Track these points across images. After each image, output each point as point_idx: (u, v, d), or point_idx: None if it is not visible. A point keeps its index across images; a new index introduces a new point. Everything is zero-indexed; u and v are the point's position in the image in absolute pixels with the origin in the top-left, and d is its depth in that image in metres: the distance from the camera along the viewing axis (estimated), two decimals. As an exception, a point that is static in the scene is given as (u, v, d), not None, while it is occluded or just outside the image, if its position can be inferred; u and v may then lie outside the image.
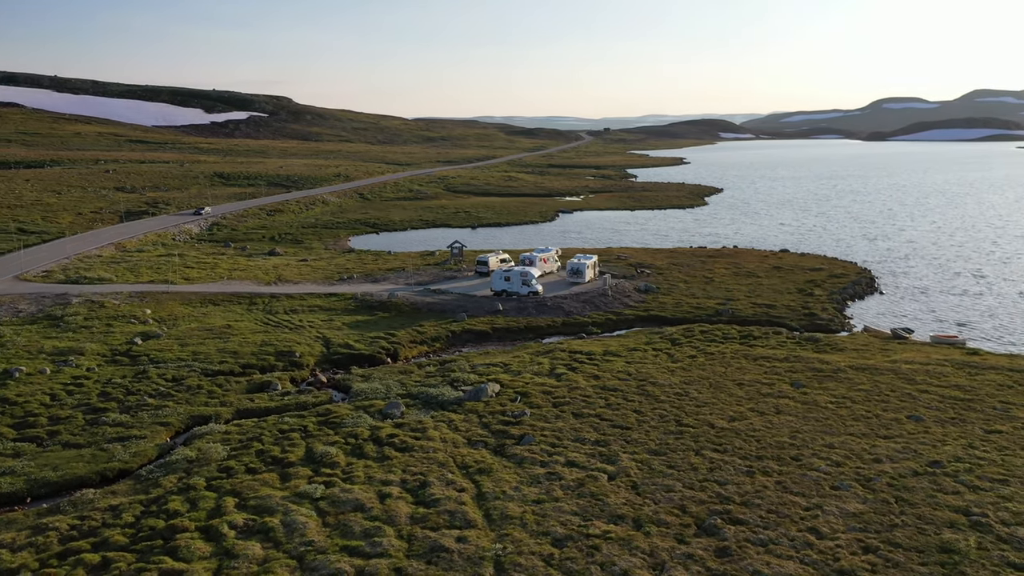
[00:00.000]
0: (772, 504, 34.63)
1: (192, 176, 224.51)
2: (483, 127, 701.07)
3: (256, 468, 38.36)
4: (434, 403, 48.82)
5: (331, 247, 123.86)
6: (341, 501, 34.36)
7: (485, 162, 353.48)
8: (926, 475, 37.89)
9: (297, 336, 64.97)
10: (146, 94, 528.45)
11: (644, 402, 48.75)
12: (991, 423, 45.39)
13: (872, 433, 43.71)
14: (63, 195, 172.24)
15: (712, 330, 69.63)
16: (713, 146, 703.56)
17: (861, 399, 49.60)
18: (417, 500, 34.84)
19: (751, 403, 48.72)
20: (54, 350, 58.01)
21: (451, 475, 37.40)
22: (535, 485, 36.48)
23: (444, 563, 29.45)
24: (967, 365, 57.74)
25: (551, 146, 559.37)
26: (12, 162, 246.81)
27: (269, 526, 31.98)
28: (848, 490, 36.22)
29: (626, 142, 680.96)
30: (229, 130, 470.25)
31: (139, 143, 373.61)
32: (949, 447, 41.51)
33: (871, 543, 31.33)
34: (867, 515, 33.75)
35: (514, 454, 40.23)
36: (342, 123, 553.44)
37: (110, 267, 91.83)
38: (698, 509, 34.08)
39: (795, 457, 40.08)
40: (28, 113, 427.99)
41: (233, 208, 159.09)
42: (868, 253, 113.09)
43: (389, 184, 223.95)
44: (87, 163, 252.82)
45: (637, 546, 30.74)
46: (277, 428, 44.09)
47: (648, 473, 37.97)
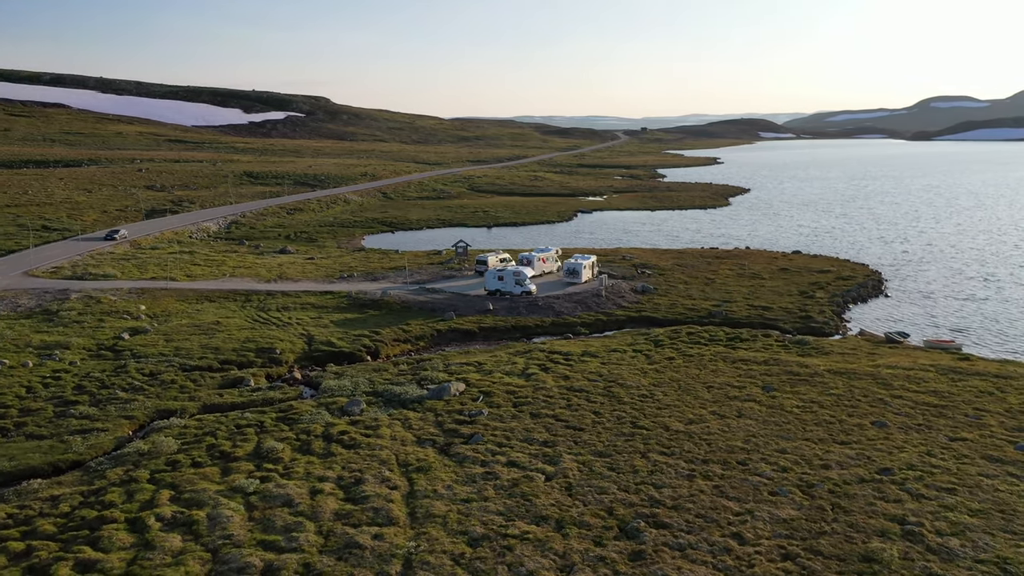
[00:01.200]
0: (703, 508, 34.20)
1: (222, 175, 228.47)
2: (518, 127, 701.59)
3: (202, 462, 39.04)
4: (396, 401, 49.13)
5: (343, 245, 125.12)
6: (272, 496, 34.82)
7: (515, 161, 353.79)
8: (872, 482, 37.08)
9: (282, 333, 65.85)
10: (187, 95, 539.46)
11: (606, 403, 48.47)
12: (958, 430, 44.23)
13: (830, 439, 42.89)
14: (93, 193, 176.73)
15: (699, 332, 68.89)
16: (751, 146, 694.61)
17: (830, 404, 48.70)
18: (347, 497, 35.14)
19: (715, 406, 48.13)
20: (41, 344, 59.67)
21: (388, 473, 37.64)
22: (469, 484, 36.53)
23: (354, 559, 29.67)
24: (952, 371, 56.30)
25: (585, 146, 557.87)
26: (51, 161, 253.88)
27: (195, 519, 32.54)
28: (786, 496, 35.62)
29: (662, 142, 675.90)
30: (266, 130, 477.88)
31: (177, 143, 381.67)
32: (906, 454, 40.55)
33: (792, 550, 30.79)
34: (797, 522, 33.15)
35: (458, 453, 40.33)
36: (377, 123, 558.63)
37: (119, 264, 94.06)
38: (625, 512, 33.80)
39: (742, 462, 39.51)
40: (73, 114, 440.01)
41: (254, 207, 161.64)
42: (882, 255, 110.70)
43: (413, 183, 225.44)
44: (123, 162, 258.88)
45: (552, 548, 30.63)
46: (235, 423, 44.77)
47: (587, 475, 37.77)
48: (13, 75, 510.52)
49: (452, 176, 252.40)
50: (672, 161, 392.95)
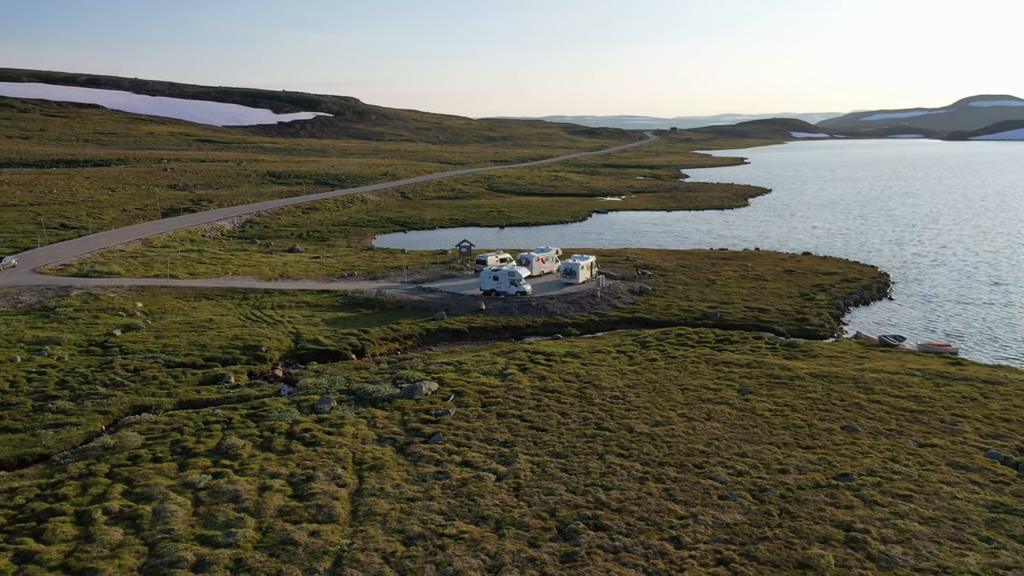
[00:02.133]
0: (647, 512, 33.95)
1: (245, 175, 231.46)
2: (547, 127, 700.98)
3: (162, 457, 39.64)
4: (367, 400, 49.43)
5: (353, 245, 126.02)
6: (221, 492, 35.25)
7: (539, 161, 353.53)
8: (827, 488, 36.52)
9: (271, 331, 66.56)
10: (219, 95, 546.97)
11: (576, 404, 48.31)
12: (930, 436, 43.40)
13: (795, 443, 42.32)
14: (116, 192, 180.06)
15: (689, 333, 68.35)
16: (782, 146, 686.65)
17: (803, 408, 48.03)
18: (295, 494, 35.46)
19: (685, 408, 47.73)
20: (34, 339, 60.98)
21: (341, 471, 37.90)
22: (418, 484, 36.65)
23: (286, 556, 29.95)
24: (939, 375, 55.24)
25: (612, 146, 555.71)
26: (81, 161, 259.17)
27: (140, 513, 33.08)
28: (736, 500, 35.22)
29: (692, 141, 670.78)
30: (295, 130, 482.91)
31: (207, 142, 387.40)
32: (869, 460, 39.88)
33: (728, 555, 30.45)
34: (741, 527, 32.77)
35: (414, 452, 40.48)
36: (405, 123, 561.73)
37: (126, 262, 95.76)
38: (568, 513, 33.68)
39: (699, 465, 39.14)
40: (107, 114, 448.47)
41: (270, 206, 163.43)
42: (892, 258, 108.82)
43: (433, 183, 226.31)
44: (150, 162, 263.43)
45: (484, 548, 30.63)
46: (204, 420, 45.38)
47: (538, 475, 37.69)
48: (50, 77, 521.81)
49: (472, 176, 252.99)
50: (698, 161, 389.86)
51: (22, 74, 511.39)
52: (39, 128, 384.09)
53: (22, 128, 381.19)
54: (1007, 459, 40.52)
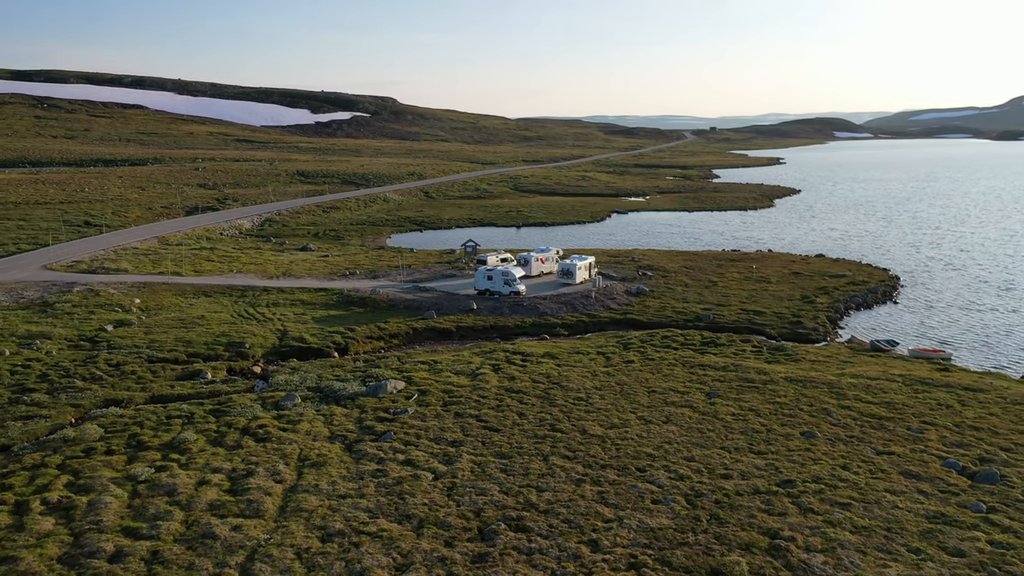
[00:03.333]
0: (575, 514, 33.77)
1: (274, 174, 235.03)
2: (583, 127, 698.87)
3: (115, 450, 40.56)
4: (331, 397, 49.95)
5: (367, 244, 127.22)
6: (160, 485, 35.97)
7: (570, 161, 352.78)
8: (766, 494, 35.94)
9: (259, 328, 67.58)
10: (258, 96, 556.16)
11: (536, 405, 48.23)
12: (890, 444, 42.44)
13: (747, 448, 41.71)
14: (146, 191, 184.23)
15: (675, 335, 67.74)
16: (823, 146, 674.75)
17: (768, 412, 47.31)
18: (230, 489, 36.02)
19: (646, 411, 47.34)
20: (26, 333, 62.80)
21: (283, 467, 38.40)
22: (354, 481, 36.97)
23: (203, 549, 30.46)
24: (921, 381, 53.93)
25: (648, 145, 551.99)
26: (119, 160, 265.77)
27: (76, 504, 33.93)
28: (668, 504, 34.85)
29: (730, 141, 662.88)
30: (331, 130, 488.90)
31: (244, 142, 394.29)
32: (818, 467, 39.14)
33: (642, 560, 30.17)
34: (665, 531, 32.43)
35: (361, 449, 40.83)
36: (441, 123, 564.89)
37: (137, 259, 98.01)
38: (493, 514, 33.67)
39: (641, 468, 38.81)
40: (150, 114, 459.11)
41: (291, 205, 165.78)
42: (906, 261, 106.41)
43: (458, 183, 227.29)
44: (184, 161, 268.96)
45: (399, 546, 30.79)
46: (167, 414, 46.29)
47: (476, 476, 37.73)
48: (97, 78, 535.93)
49: (499, 176, 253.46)
50: (733, 161, 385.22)
51: (70, 75, 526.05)
52: (84, 128, 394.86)
53: (68, 128, 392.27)
54: (964, 468, 39.44)
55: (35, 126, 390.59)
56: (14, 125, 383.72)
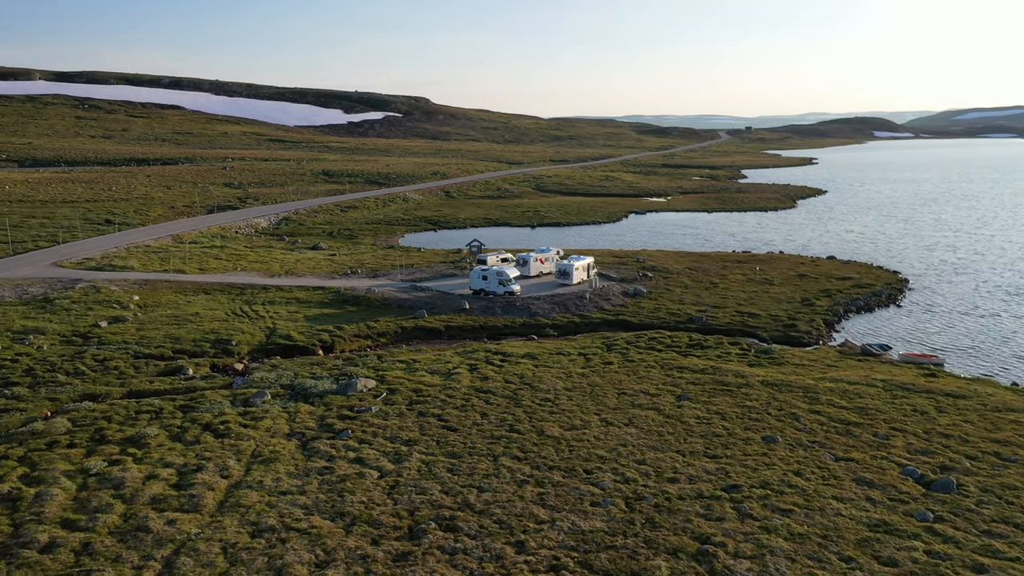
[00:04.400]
0: (509, 515, 33.75)
1: (299, 174, 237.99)
2: (616, 126, 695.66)
3: (77, 443, 41.50)
4: (301, 394, 50.48)
5: (379, 243, 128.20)
6: (109, 479, 36.72)
7: (598, 161, 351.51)
8: (709, 499, 35.54)
9: (249, 326, 68.51)
10: (293, 96, 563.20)
11: (502, 405, 48.24)
12: (851, 450, 41.68)
13: (702, 451, 41.28)
14: (172, 189, 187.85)
15: (663, 337, 67.18)
16: (861, 146, 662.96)
17: (734, 416, 46.75)
18: (176, 483, 36.63)
19: (611, 413, 47.07)
20: (21, 328, 64.47)
21: (233, 463, 38.94)
22: (299, 478, 37.36)
23: (134, 542, 31.05)
24: (902, 387, 52.84)
25: (680, 145, 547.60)
26: (151, 159, 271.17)
27: (24, 496, 34.81)
28: (606, 507, 34.64)
29: (765, 141, 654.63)
30: (363, 130, 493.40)
31: (277, 142, 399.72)
32: (770, 472, 38.58)
33: (565, 562, 30.05)
34: (595, 534, 32.25)
35: (314, 447, 41.24)
36: (472, 122, 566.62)
37: (147, 256, 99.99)
38: (427, 513, 33.79)
39: (589, 471, 38.62)
40: (186, 115, 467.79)
41: (310, 204, 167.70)
42: (918, 263, 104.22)
43: (480, 183, 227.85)
44: (215, 161, 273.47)
45: (325, 544, 31.06)
46: (137, 409, 47.19)
47: (422, 475, 37.88)
48: (137, 79, 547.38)
49: (522, 176, 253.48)
50: (763, 162, 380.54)
51: (111, 76, 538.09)
52: (122, 128, 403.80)
53: (106, 128, 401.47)
54: (922, 476, 38.59)
55: (75, 126, 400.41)
56: (55, 125, 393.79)
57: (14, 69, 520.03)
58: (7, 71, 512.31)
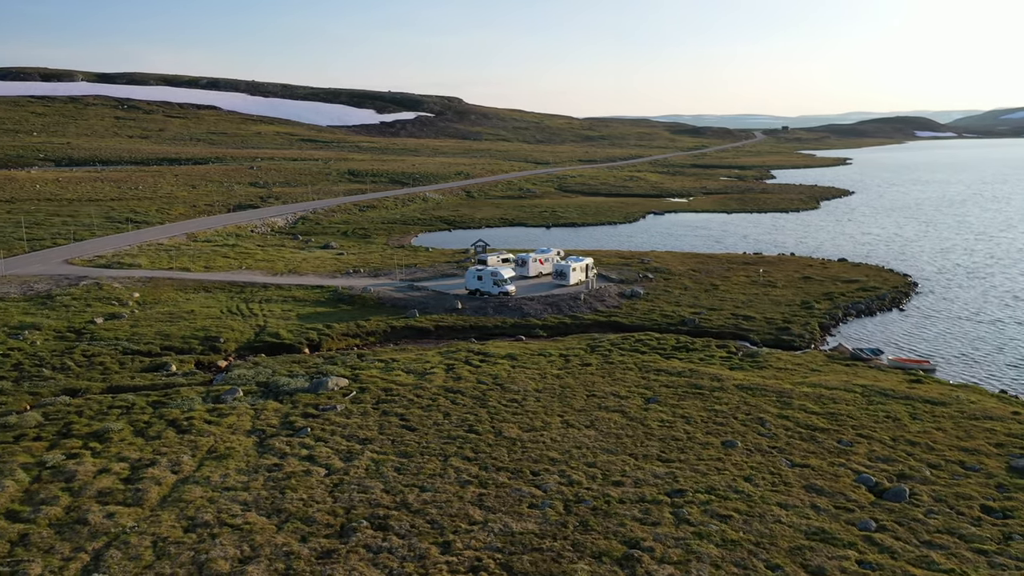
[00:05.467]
0: (443, 515, 33.86)
1: (325, 173, 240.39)
2: (650, 126, 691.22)
3: (43, 437, 42.57)
4: (273, 392, 51.13)
5: (391, 242, 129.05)
6: (62, 472, 37.62)
7: (627, 161, 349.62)
8: (650, 503, 35.27)
9: (240, 323, 69.50)
10: (327, 96, 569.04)
11: (467, 405, 48.35)
12: (809, 457, 41.05)
13: (656, 455, 40.95)
14: (197, 188, 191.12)
15: (651, 339, 66.69)
16: (900, 146, 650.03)
17: (699, 420, 46.29)
18: (127, 477, 37.39)
19: (575, 415, 46.91)
20: (18, 324, 66.21)
21: (187, 458, 39.61)
22: (247, 474, 37.88)
23: (70, 534, 31.79)
24: (882, 393, 51.84)
25: (714, 145, 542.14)
26: (183, 159, 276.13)
27: (-23, 487, 35.82)
28: (543, 509, 34.57)
29: (801, 141, 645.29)
30: (395, 130, 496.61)
31: (309, 142, 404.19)
32: (719, 477, 38.15)
33: (486, 563, 30.06)
34: (524, 536, 32.19)
35: (270, 444, 41.76)
36: (504, 122, 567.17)
37: (157, 254, 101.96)
38: (363, 512, 34.05)
39: (536, 472, 38.58)
40: (222, 115, 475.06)
41: (329, 203, 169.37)
42: (930, 267, 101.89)
43: (502, 183, 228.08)
44: (243, 160, 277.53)
45: (254, 539, 31.47)
46: (110, 404, 48.23)
47: (368, 474, 38.16)
48: (175, 80, 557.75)
49: (546, 176, 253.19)
50: (795, 162, 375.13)
51: (150, 78, 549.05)
52: (159, 128, 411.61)
53: (144, 128, 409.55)
54: (876, 484, 37.84)
55: (114, 126, 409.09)
56: (95, 126, 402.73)
57: (58, 71, 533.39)
58: (51, 72, 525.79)
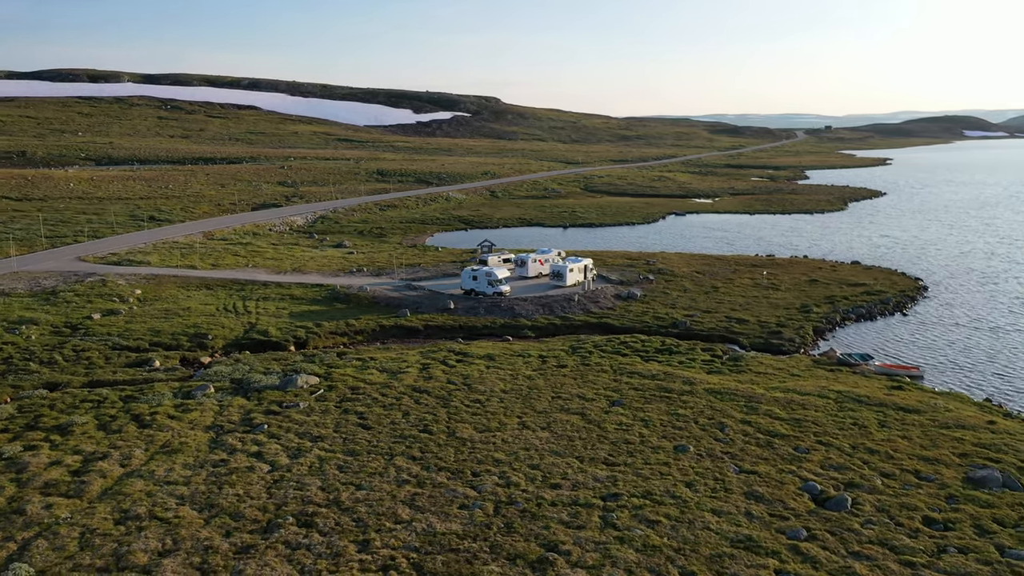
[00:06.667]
0: (371, 514, 34.11)
1: (354, 173, 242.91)
2: (688, 125, 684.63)
3: (10, 428, 43.90)
4: (243, 389, 51.96)
5: (405, 242, 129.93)
6: (17, 463, 38.75)
7: (660, 161, 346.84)
8: (583, 506, 35.08)
9: (231, 321, 70.72)
10: (364, 96, 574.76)
11: (429, 405, 48.58)
12: (759, 463, 40.41)
13: (603, 459, 40.69)
14: (226, 187, 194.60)
15: (635, 341, 66.31)
16: (947, 146, 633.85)
17: (659, 423, 45.86)
18: (76, 470, 38.34)
19: (534, 416, 46.83)
20: (17, 319, 68.26)
21: (139, 452, 40.50)
22: (192, 469, 38.58)
23: (3, 523, 32.77)
24: (856, 399, 50.80)
25: (752, 145, 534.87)
26: (219, 158, 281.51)
27: (-69, 476, 37.10)
28: (472, 510, 34.61)
29: (843, 140, 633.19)
30: (431, 129, 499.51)
31: (344, 141, 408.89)
32: (661, 482, 37.77)
33: (398, 563, 30.24)
34: (445, 537, 32.29)
35: (224, 440, 42.47)
36: (540, 122, 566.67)
37: (169, 252, 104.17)
38: (293, 508, 34.48)
39: (477, 473, 38.63)
40: (261, 115, 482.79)
41: (351, 203, 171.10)
42: (943, 270, 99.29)
43: (528, 183, 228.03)
44: (276, 159, 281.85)
45: (178, 534, 32.07)
46: (83, 397, 49.49)
47: (311, 471, 38.60)
48: (218, 80, 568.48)
49: (573, 175, 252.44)
50: (833, 162, 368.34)
51: (193, 78, 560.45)
52: (199, 128, 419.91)
53: (185, 128, 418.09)
54: (821, 493, 37.11)
55: (156, 126, 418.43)
56: (138, 126, 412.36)
57: (105, 72, 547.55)
58: (98, 74, 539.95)
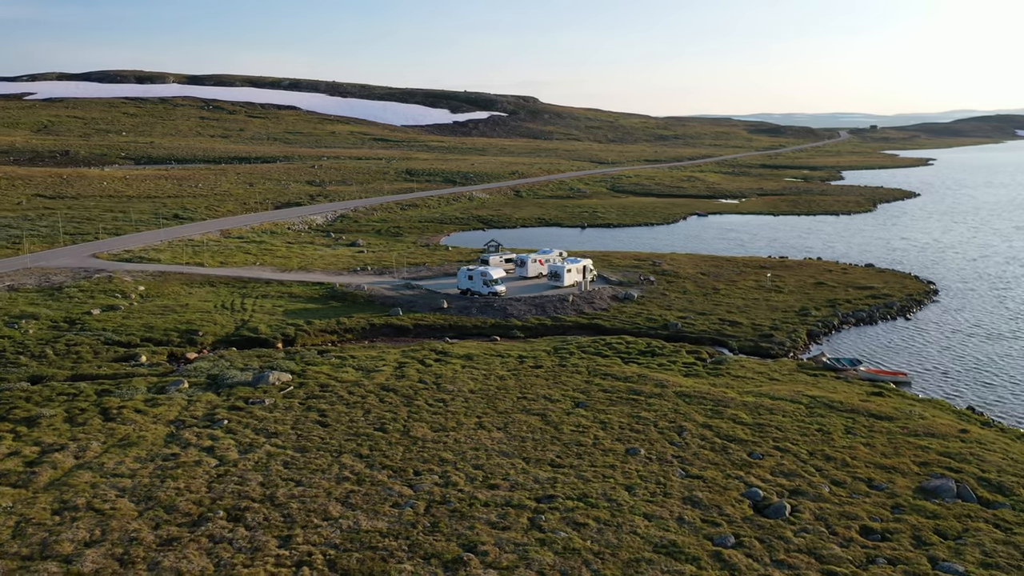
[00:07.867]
0: (301, 510, 34.50)
1: (383, 172, 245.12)
2: (729, 125, 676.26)
3: (-18, 420, 45.32)
4: (216, 385, 52.88)
5: (419, 241, 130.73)
6: (-22, 453, 40.05)
7: (693, 161, 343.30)
8: (515, 507, 35.06)
9: (224, 317, 71.98)
10: (403, 96, 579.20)
11: (393, 403, 48.95)
12: (708, 468, 39.93)
13: (551, 460, 40.59)
14: (254, 186, 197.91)
15: (620, 343, 65.95)
16: (996, 145, 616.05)
17: (618, 426, 45.56)
18: (31, 461, 39.40)
19: (493, 417, 46.88)
20: (19, 313, 70.36)
21: (96, 444, 41.51)
22: (143, 462, 39.42)
23: (-52, 512, 33.92)
24: (828, 405, 49.90)
25: (791, 145, 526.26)
26: (253, 158, 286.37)
27: None
28: (403, 509, 34.81)
29: (889, 140, 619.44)
30: (467, 129, 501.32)
31: (381, 141, 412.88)
32: (599, 484, 37.54)
33: (313, 559, 30.49)
34: (368, 535, 32.51)
35: (180, 434, 43.29)
36: (577, 121, 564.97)
37: (181, 250, 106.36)
38: (227, 503, 35.03)
39: (419, 472, 38.83)
40: (300, 115, 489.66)
41: (372, 202, 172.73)
42: (958, 275, 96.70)
43: (554, 183, 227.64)
44: (309, 159, 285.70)
45: (109, 524, 32.83)
46: (61, 390, 50.85)
47: (255, 466, 39.17)
48: (259, 81, 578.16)
49: (600, 175, 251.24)
50: (873, 162, 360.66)
51: (236, 79, 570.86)
52: (239, 128, 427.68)
53: (225, 128, 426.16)
54: (763, 499, 36.53)
55: (198, 126, 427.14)
56: (180, 126, 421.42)
57: (151, 73, 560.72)
58: (145, 75, 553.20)
